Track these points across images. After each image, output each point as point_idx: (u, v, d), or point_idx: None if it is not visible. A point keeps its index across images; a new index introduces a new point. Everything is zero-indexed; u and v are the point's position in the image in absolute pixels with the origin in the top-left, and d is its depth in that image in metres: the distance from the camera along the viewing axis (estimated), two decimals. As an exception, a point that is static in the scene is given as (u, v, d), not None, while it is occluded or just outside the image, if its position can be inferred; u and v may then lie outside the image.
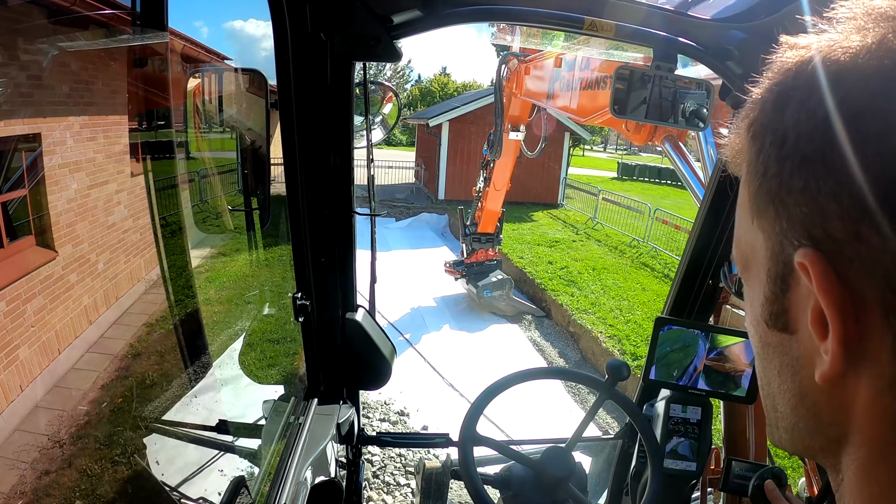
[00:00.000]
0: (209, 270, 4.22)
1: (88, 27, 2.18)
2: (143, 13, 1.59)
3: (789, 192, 0.36)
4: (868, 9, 0.37)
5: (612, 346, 7.92)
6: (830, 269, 0.34)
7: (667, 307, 1.86)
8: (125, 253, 3.02)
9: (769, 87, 0.39)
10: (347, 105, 1.25)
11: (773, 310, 0.41)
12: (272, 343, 4.83)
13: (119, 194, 2.90)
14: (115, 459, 2.31)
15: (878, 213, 0.32)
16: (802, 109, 0.36)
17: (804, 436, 0.42)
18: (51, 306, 2.38)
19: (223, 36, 8.64)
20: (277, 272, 5.18)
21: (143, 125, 2.90)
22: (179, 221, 3.20)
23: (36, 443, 2.16)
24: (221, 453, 1.88)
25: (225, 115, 1.52)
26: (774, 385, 0.43)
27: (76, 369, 2.57)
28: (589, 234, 14.85)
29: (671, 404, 1.73)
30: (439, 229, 16.31)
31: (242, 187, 1.33)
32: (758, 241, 0.41)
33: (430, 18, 1.19)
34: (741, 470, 1.38)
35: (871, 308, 0.33)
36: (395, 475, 5.31)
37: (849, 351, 0.34)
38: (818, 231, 0.35)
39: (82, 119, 2.48)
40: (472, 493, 1.45)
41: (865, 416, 0.35)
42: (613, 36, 1.32)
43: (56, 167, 2.31)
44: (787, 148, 0.36)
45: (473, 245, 9.67)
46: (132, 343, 2.90)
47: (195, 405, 2.73)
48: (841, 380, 0.36)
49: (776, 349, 0.42)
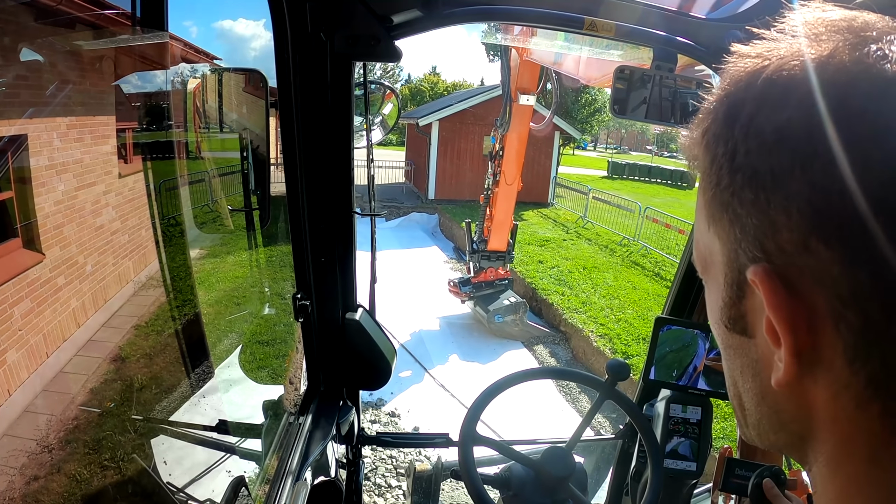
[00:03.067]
0: (202, 271, 4.17)
1: (75, 27, 2.15)
2: (143, 14, 1.57)
3: (741, 204, 0.37)
4: (824, 20, 0.37)
5: (603, 345, 7.96)
6: (780, 285, 0.35)
7: (667, 307, 1.86)
8: (114, 255, 2.98)
9: (721, 97, 0.39)
10: (347, 105, 1.25)
11: (731, 314, 0.41)
12: (271, 343, 4.80)
13: (107, 195, 2.86)
14: (104, 463, 2.28)
15: (825, 226, 0.32)
16: (752, 124, 0.36)
17: (769, 432, 0.43)
18: (38, 309, 2.34)
19: (222, 36, 8.54)
20: (276, 272, 5.15)
21: (132, 126, 2.87)
22: (169, 223, 3.16)
23: (25, 448, 2.12)
24: (221, 454, 1.87)
25: (224, 115, 1.51)
26: (739, 384, 0.44)
27: (65, 373, 2.53)
28: (579, 232, 14.93)
29: (671, 404, 1.73)
30: (429, 229, 16.32)
31: (243, 187, 1.32)
32: (714, 246, 0.41)
33: (430, 18, 1.20)
34: (741, 470, 1.39)
35: (823, 318, 0.34)
36: (387, 477, 5.30)
37: (801, 360, 0.35)
38: (769, 243, 0.35)
39: (69, 119, 2.44)
40: (472, 493, 1.45)
41: (826, 415, 0.36)
42: (613, 36, 1.32)
43: (43, 168, 2.27)
44: (738, 161, 0.36)
45: (482, 263, 8.72)
46: (121, 346, 2.87)
47: (191, 406, 2.70)
48: (798, 383, 0.36)
49: (737, 351, 0.43)
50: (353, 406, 1.69)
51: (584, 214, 16.04)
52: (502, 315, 8.45)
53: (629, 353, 7.58)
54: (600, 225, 15.21)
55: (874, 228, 0.31)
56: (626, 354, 7.55)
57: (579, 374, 1.81)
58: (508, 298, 8.69)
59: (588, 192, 16.28)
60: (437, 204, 17.57)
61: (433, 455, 1.93)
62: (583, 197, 16.66)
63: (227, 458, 1.86)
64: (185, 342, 3.00)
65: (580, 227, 15.56)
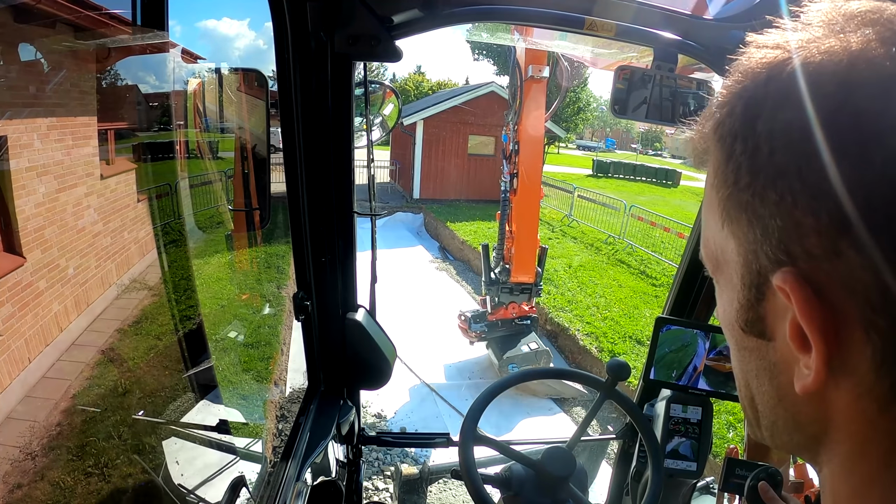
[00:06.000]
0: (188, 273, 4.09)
1: (55, 27, 2.09)
2: (143, 14, 1.54)
3: (763, 205, 0.35)
4: (845, 11, 0.35)
5: (589, 343, 8.01)
6: (811, 293, 0.33)
7: (667, 307, 1.87)
8: (96, 257, 2.92)
9: (738, 90, 0.38)
10: (347, 105, 1.24)
11: (748, 317, 0.40)
12: (267, 344, 4.74)
13: (89, 197, 2.80)
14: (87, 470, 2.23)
15: (858, 229, 0.31)
16: (776, 120, 0.34)
17: (783, 433, 0.42)
18: (20, 314, 2.28)
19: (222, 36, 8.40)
20: (275, 272, 5.08)
21: (114, 127, 2.80)
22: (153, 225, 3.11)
23: (7, 455, 2.06)
24: (221, 454, 1.86)
25: (223, 116, 1.49)
26: (753, 386, 0.43)
27: (48, 378, 2.46)
28: (565, 231, 15.03)
29: (671, 404, 1.75)
30: (414, 228, 16.29)
31: (243, 187, 1.30)
32: (729, 246, 0.40)
33: (430, 18, 1.19)
34: (742, 470, 1.40)
35: (852, 324, 0.33)
36: (374, 479, 5.26)
37: (831, 367, 0.34)
38: (795, 247, 0.34)
39: (50, 120, 2.38)
40: (472, 492, 1.45)
41: (845, 417, 0.36)
42: (614, 36, 1.32)
43: (23, 170, 2.20)
44: (761, 159, 0.35)
45: (501, 297, 6.95)
46: (104, 350, 2.81)
47: (184, 408, 2.66)
48: (823, 388, 0.36)
49: (752, 353, 0.42)
50: (353, 406, 1.68)
51: (570, 213, 16.16)
52: (518, 365, 6.73)
53: (615, 352, 7.64)
54: (586, 223, 15.33)
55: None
56: (612, 353, 7.60)
57: (580, 374, 1.81)
58: (529, 344, 6.92)
59: (573, 191, 16.40)
60: (422, 203, 17.54)
61: (422, 458, 1.93)
62: (568, 195, 16.77)
63: (227, 459, 1.85)
64: (175, 344, 2.95)
65: (566, 225, 15.67)
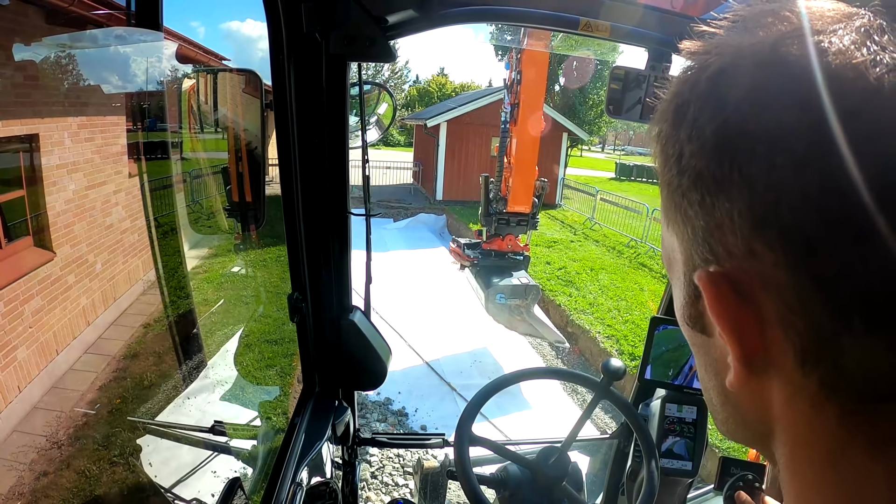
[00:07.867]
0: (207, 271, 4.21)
1: (85, 27, 2.19)
2: (139, 13, 1.59)
3: (690, 206, 0.36)
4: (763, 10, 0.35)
5: (610, 346, 7.94)
6: (727, 290, 0.34)
7: (662, 307, 1.86)
8: (123, 253, 3.03)
9: (670, 98, 0.38)
10: (342, 105, 1.25)
11: (690, 313, 0.41)
12: (269, 344, 4.83)
13: (117, 195, 2.91)
14: (112, 460, 2.32)
15: (768, 230, 0.31)
16: (694, 126, 0.35)
17: (736, 429, 0.42)
18: (49, 307, 2.38)
19: (219, 37, 8.61)
20: (274, 273, 5.18)
21: (141, 126, 2.91)
22: (177, 222, 3.20)
23: (34, 444, 2.16)
24: (217, 454, 1.88)
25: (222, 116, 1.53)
26: (706, 380, 0.44)
27: (74, 370, 2.57)
28: (587, 234, 14.87)
29: (667, 403, 1.73)
30: (437, 230, 16.31)
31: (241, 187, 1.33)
32: (674, 245, 0.41)
33: (426, 19, 1.19)
34: (736, 469, 1.38)
35: (772, 323, 0.33)
36: (394, 475, 5.31)
37: (751, 364, 0.35)
38: (717, 246, 0.35)
39: (80, 119, 2.49)
40: (468, 493, 1.44)
41: (785, 416, 0.36)
42: (608, 36, 1.32)
43: (54, 168, 2.32)
44: (684, 163, 0.36)
45: (498, 227, 6.83)
46: (130, 344, 2.91)
47: (193, 406, 2.73)
48: (752, 384, 0.36)
49: (700, 349, 0.43)
50: (348, 407, 1.67)
51: (592, 216, 15.98)
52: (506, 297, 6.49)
53: (635, 354, 7.54)
54: (608, 226, 15.13)
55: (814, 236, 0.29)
56: (632, 356, 7.52)
57: (575, 374, 1.81)
58: (520, 278, 6.76)
59: (596, 194, 16.21)
60: (445, 205, 17.56)
61: (440, 453, 1.93)
62: (590, 198, 16.59)
63: (224, 459, 1.87)
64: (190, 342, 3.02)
65: (588, 228, 15.50)
